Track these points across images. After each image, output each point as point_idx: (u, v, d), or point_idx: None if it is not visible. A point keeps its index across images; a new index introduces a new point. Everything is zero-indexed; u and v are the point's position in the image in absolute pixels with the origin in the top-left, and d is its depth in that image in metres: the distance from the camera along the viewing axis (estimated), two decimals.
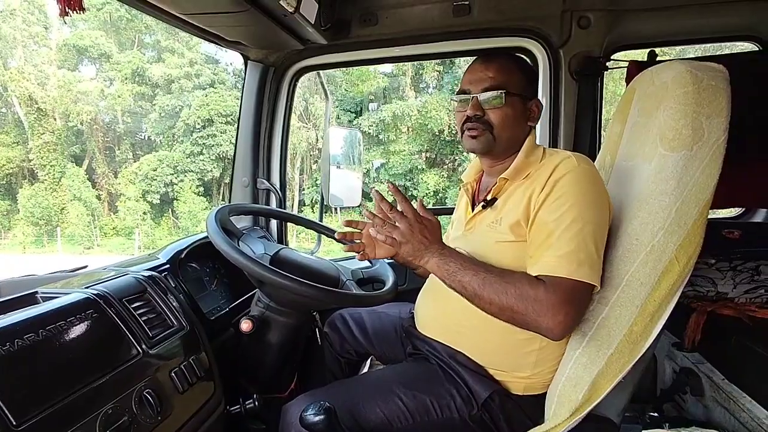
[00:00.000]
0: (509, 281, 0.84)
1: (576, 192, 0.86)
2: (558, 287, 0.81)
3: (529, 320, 0.82)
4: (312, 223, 1.52)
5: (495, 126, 0.98)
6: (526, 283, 0.83)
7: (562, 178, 0.88)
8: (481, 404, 0.94)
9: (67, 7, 0.85)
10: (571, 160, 0.90)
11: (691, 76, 0.80)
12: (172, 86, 18.80)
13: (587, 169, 0.89)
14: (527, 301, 0.81)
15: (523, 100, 0.99)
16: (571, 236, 0.83)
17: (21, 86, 17.59)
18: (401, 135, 17.59)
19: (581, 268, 0.81)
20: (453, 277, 0.88)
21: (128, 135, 20.02)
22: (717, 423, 1.24)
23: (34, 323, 0.74)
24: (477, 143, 0.99)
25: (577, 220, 0.84)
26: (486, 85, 0.97)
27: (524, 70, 1.01)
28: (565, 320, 0.80)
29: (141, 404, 0.81)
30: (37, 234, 18.19)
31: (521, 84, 0.98)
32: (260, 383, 1.22)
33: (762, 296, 1.33)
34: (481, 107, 0.97)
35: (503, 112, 0.97)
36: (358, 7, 1.56)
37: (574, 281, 0.81)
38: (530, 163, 0.97)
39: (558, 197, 0.86)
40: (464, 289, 0.87)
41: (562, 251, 0.82)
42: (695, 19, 1.49)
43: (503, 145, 1.00)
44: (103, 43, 19.12)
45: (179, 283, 1.14)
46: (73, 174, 18.02)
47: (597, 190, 0.88)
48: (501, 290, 0.83)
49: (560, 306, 0.80)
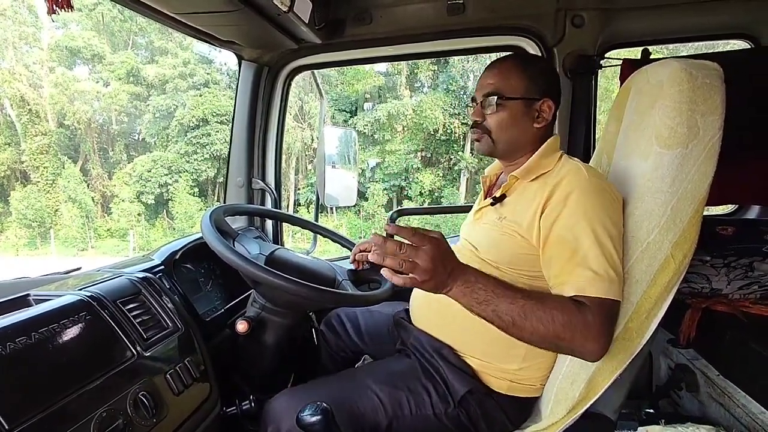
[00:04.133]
0: (553, 306, 0.79)
1: (592, 205, 0.84)
2: (599, 308, 0.79)
3: (574, 346, 0.78)
4: (307, 223, 1.51)
5: (492, 130, 1.01)
6: (573, 307, 0.79)
7: (573, 191, 0.86)
8: (458, 401, 0.95)
9: (54, 5, 0.84)
10: (581, 173, 0.89)
11: (685, 74, 0.80)
12: (167, 86, 18.70)
13: (597, 181, 0.88)
14: (575, 327, 0.77)
15: (526, 102, 0.99)
16: (598, 253, 0.81)
17: (12, 87, 17.42)
18: (396, 134, 17.59)
19: (613, 286, 0.80)
20: (484, 306, 0.79)
21: (122, 136, 19.89)
22: (712, 418, 1.25)
23: (27, 326, 0.73)
24: (479, 146, 1.04)
25: (599, 235, 0.82)
26: (485, 92, 1.00)
27: (529, 71, 1.00)
28: (607, 341, 0.78)
29: (136, 406, 0.80)
30: (30, 236, 18.02)
31: (521, 87, 0.98)
32: (256, 384, 1.21)
33: (756, 292, 1.34)
34: (483, 113, 1.01)
35: (499, 116, 0.99)
36: (352, 6, 1.55)
37: (610, 300, 0.80)
38: (543, 165, 0.97)
39: (573, 212, 0.85)
40: (499, 319, 0.79)
41: (593, 269, 0.80)
42: (688, 18, 1.50)
43: (503, 148, 1.02)
44: (96, 44, 18.96)
45: (174, 285, 1.13)
46: (67, 175, 17.87)
47: (612, 203, 0.87)
48: (546, 318, 0.78)
49: (604, 328, 0.78)
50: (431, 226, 16.11)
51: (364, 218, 16.94)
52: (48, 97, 18.09)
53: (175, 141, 18.31)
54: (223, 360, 1.14)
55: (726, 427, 1.17)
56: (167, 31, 18.78)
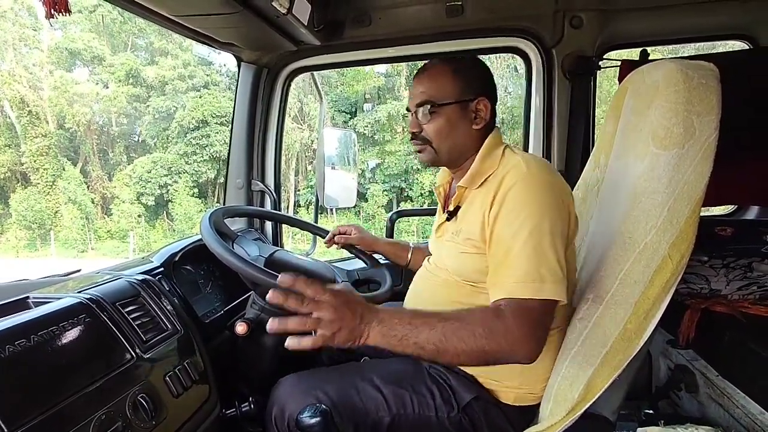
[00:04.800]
0: (473, 321, 0.77)
1: (529, 202, 0.82)
2: (525, 311, 0.77)
3: (502, 356, 0.77)
4: (307, 225, 1.51)
5: (432, 139, 0.98)
6: (492, 316, 0.77)
7: (512, 187, 0.84)
8: (462, 407, 0.93)
9: (52, 9, 0.84)
10: (520, 167, 0.86)
11: (681, 75, 0.80)
12: (166, 88, 18.73)
13: (539, 175, 0.85)
14: (498, 337, 0.75)
15: (462, 105, 0.95)
16: (530, 252, 0.79)
17: (12, 89, 17.43)
18: (396, 135, 17.60)
19: (545, 286, 0.78)
20: (405, 342, 0.75)
21: (122, 137, 19.92)
22: (712, 419, 1.25)
23: (26, 329, 0.73)
24: (422, 157, 1.01)
25: (533, 233, 0.80)
26: (418, 101, 0.97)
27: (461, 72, 0.96)
28: (538, 344, 0.77)
29: (135, 409, 0.80)
30: (30, 238, 18.02)
31: (454, 89, 0.95)
32: (256, 386, 1.21)
33: (755, 293, 1.34)
34: (419, 123, 0.98)
35: (435, 124, 0.96)
36: (351, 7, 1.56)
37: (540, 301, 0.78)
38: (486, 168, 0.94)
39: (511, 209, 0.83)
40: (423, 350, 0.75)
41: (523, 270, 0.78)
42: (687, 19, 1.50)
43: (447, 156, 0.99)
44: (96, 46, 19.00)
45: (173, 287, 1.13)
46: (67, 177, 17.88)
47: (552, 196, 0.83)
48: (467, 334, 0.75)
49: (531, 331, 0.77)
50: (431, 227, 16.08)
51: (364, 219, 16.94)
52: (47, 99, 18.11)
53: (174, 142, 18.33)
54: (223, 362, 1.14)
55: (725, 427, 1.17)
56: (167, 33, 18.79)
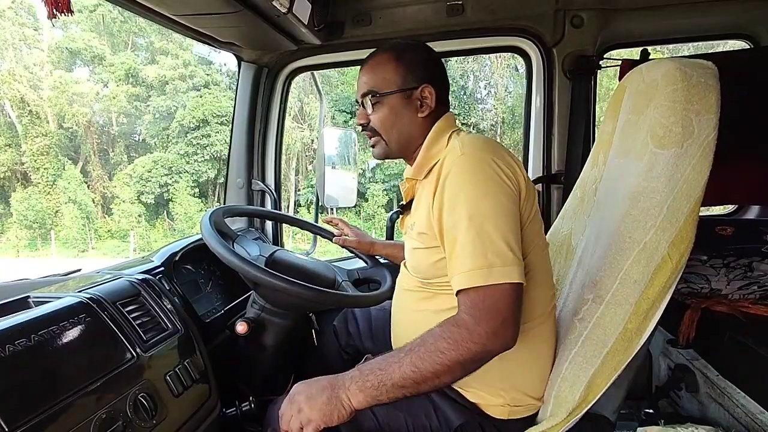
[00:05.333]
0: (435, 339, 0.74)
1: (464, 185, 0.78)
2: (480, 303, 0.73)
3: (480, 357, 0.74)
4: (307, 224, 1.51)
5: (380, 131, 0.95)
6: (450, 327, 0.74)
7: (449, 174, 0.80)
8: (453, 430, 0.89)
9: (54, 9, 0.84)
10: (455, 151, 0.83)
11: (680, 74, 0.80)
12: (167, 87, 18.73)
13: (471, 154, 0.80)
14: (465, 343, 0.72)
15: (404, 93, 0.93)
16: (474, 238, 0.75)
17: (12, 89, 17.44)
18: None
19: (493, 270, 0.73)
20: (384, 387, 0.74)
21: (122, 137, 19.92)
22: (712, 419, 1.24)
23: (26, 328, 0.73)
24: (375, 151, 0.99)
25: (474, 217, 0.75)
26: (362, 91, 0.95)
27: (403, 59, 0.93)
28: (507, 330, 0.73)
29: (136, 408, 0.80)
30: (31, 237, 18.03)
31: (396, 77, 0.93)
32: (256, 385, 1.22)
33: (755, 292, 1.34)
34: (366, 115, 0.96)
35: (381, 114, 0.94)
36: (352, 7, 1.56)
37: (492, 287, 0.73)
38: (431, 157, 0.91)
39: (450, 197, 0.79)
40: (404, 388, 0.74)
41: (469, 258, 0.74)
42: (687, 18, 1.50)
43: (397, 146, 0.96)
44: (96, 46, 19.00)
45: (174, 286, 1.14)
46: (68, 176, 17.89)
47: (489, 174, 0.78)
48: (434, 354, 0.73)
49: (494, 320, 0.72)
50: None
51: (364, 219, 16.94)
52: (47, 99, 18.11)
53: (175, 142, 18.33)
54: (223, 361, 1.14)
55: (725, 427, 1.17)
56: (167, 32, 18.80)
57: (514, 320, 0.75)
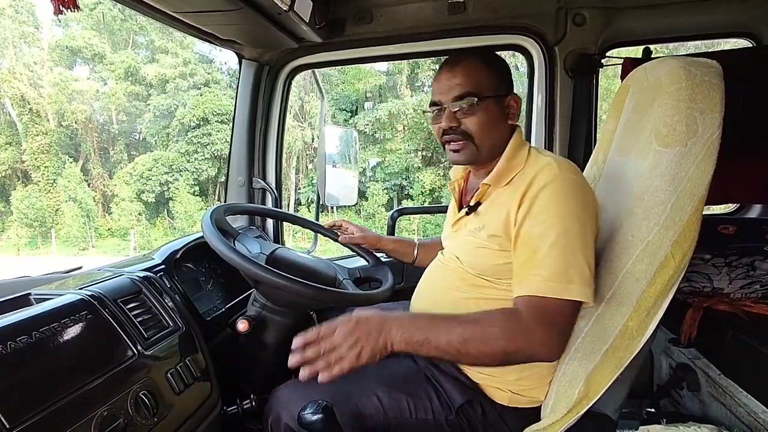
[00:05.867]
0: (490, 324, 0.78)
1: (560, 203, 0.82)
2: (546, 311, 0.77)
3: (523, 355, 0.78)
4: (308, 222, 1.51)
5: (474, 135, 0.93)
6: (509, 318, 0.78)
7: (543, 188, 0.83)
8: (456, 409, 0.92)
9: (61, 5, 0.84)
10: (552, 168, 0.85)
11: (684, 72, 0.80)
12: (167, 86, 18.72)
13: (570, 177, 0.84)
14: (517, 337, 0.76)
15: (498, 99, 0.94)
16: (559, 253, 0.78)
17: (13, 87, 17.44)
18: (397, 134, 17.60)
19: (571, 287, 0.78)
20: (427, 346, 0.77)
21: (123, 135, 19.93)
22: (713, 418, 1.24)
23: (28, 325, 0.73)
24: (461, 156, 0.96)
25: (564, 234, 0.79)
26: (456, 93, 0.92)
27: (494, 66, 0.95)
28: (559, 344, 0.78)
29: (137, 406, 0.80)
30: (31, 236, 18.05)
31: (493, 83, 0.93)
32: (257, 383, 1.22)
33: (757, 291, 1.34)
34: (456, 117, 0.93)
35: (479, 118, 0.92)
36: (353, 5, 1.55)
37: (563, 301, 0.78)
38: (513, 167, 0.93)
39: (541, 210, 0.82)
40: (445, 353, 0.78)
41: (551, 269, 0.78)
42: (689, 16, 1.50)
43: (487, 152, 0.96)
44: (97, 44, 18.99)
45: (175, 284, 1.13)
46: (68, 174, 17.90)
47: (583, 200, 0.83)
48: (486, 337, 0.77)
49: (551, 330, 0.77)
50: (432, 225, 16.14)
51: (364, 218, 16.95)
52: (47, 96, 18.11)
53: (175, 140, 18.34)
54: (224, 359, 1.14)
55: (727, 426, 1.17)
56: (168, 31, 18.80)
57: (567, 335, 0.80)
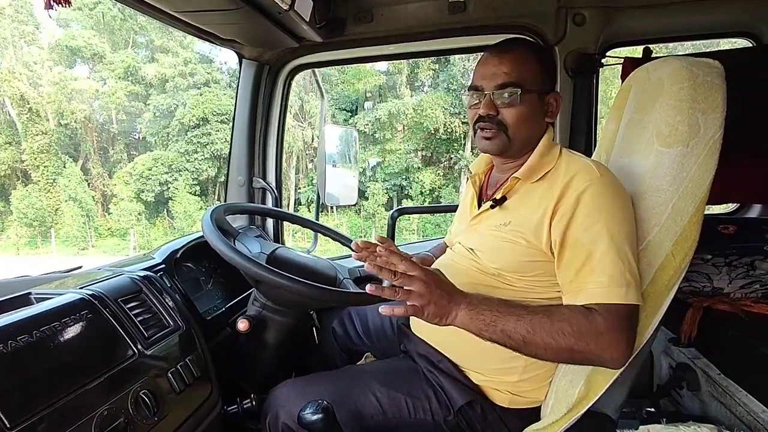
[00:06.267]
0: (561, 318, 0.76)
1: (607, 207, 0.80)
2: (614, 315, 0.75)
3: (592, 357, 0.76)
4: (308, 222, 1.51)
5: (510, 126, 0.91)
6: (581, 317, 0.76)
7: (586, 191, 0.81)
8: (456, 410, 0.92)
9: (52, 0, 0.84)
10: (592, 170, 0.83)
11: (687, 72, 0.80)
12: (167, 85, 18.70)
13: (611, 179, 0.84)
14: (588, 337, 0.74)
15: (541, 95, 0.92)
16: (614, 257, 0.77)
17: (12, 86, 17.42)
18: (397, 134, 17.59)
19: (630, 291, 0.76)
20: (492, 327, 0.77)
21: (123, 135, 19.91)
22: (713, 417, 1.24)
23: (28, 324, 0.73)
24: (491, 145, 0.93)
25: (615, 237, 0.78)
26: (500, 81, 0.89)
27: (543, 61, 0.93)
28: (627, 348, 0.76)
29: (137, 405, 0.80)
30: (31, 235, 18.04)
31: (539, 78, 0.91)
32: (257, 383, 1.22)
33: (757, 291, 1.33)
34: (495, 106, 0.90)
35: (519, 111, 0.89)
36: (353, 4, 1.55)
37: (627, 306, 0.76)
38: (545, 164, 0.91)
39: (588, 214, 0.80)
40: (509, 339, 0.77)
41: (608, 275, 0.77)
42: (690, 16, 1.50)
43: (518, 146, 0.93)
44: (96, 43, 18.97)
45: (175, 283, 1.13)
46: (68, 174, 17.88)
47: (625, 201, 0.83)
48: (555, 331, 0.75)
49: (621, 334, 0.75)
50: (431, 225, 16.16)
51: (364, 217, 16.95)
52: (47, 95, 18.09)
53: (175, 140, 18.32)
54: (224, 359, 1.14)
55: (727, 426, 1.17)
56: (168, 30, 18.78)
57: (633, 341, 0.78)
